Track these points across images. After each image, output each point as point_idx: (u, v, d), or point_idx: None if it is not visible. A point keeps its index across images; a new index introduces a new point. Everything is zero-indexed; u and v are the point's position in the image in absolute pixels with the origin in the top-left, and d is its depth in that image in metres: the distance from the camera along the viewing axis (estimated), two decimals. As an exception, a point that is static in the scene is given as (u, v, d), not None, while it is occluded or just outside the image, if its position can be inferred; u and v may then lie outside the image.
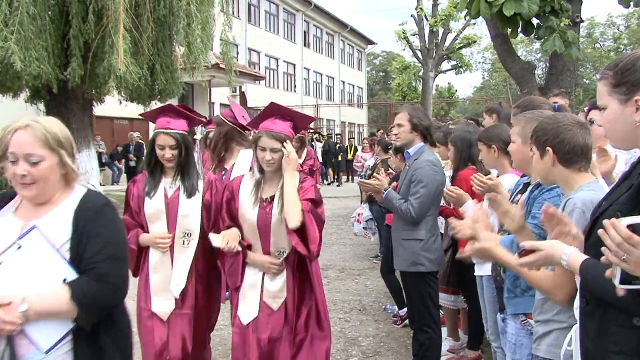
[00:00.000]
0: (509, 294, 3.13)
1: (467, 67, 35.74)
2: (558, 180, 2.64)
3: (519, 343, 3.13)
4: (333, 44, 46.06)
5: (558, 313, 2.57)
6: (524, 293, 3.04)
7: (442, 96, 50.23)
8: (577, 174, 2.57)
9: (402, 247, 4.59)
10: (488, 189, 3.57)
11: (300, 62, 40.13)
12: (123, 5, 11.02)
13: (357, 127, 46.36)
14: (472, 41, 33.13)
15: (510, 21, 8.65)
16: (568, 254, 2.10)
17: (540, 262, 2.21)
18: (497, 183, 3.63)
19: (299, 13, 39.73)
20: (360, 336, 6.17)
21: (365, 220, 8.67)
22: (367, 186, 4.84)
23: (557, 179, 2.63)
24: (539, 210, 2.68)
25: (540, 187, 2.94)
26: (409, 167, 4.62)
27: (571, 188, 2.55)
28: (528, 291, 2.97)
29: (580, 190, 2.50)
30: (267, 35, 35.86)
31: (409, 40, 31.53)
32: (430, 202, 4.49)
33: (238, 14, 31.86)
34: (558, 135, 2.55)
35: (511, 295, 3.12)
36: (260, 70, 33.61)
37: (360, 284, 8.40)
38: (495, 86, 54.95)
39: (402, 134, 4.67)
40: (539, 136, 2.62)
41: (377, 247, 9.88)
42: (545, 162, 2.59)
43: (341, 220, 14.00)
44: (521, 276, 2.62)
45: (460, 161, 4.98)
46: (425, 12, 30.03)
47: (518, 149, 3.16)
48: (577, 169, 2.57)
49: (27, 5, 10.51)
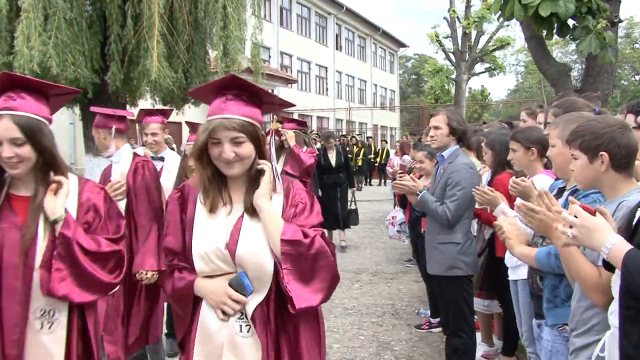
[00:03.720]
0: (549, 304, 3.05)
1: (500, 70, 35.31)
2: (604, 186, 2.54)
3: (555, 350, 3.07)
4: (365, 47, 46.00)
5: (597, 324, 2.51)
6: (563, 303, 2.95)
7: (475, 99, 49.73)
8: (627, 178, 2.49)
9: (438, 251, 4.55)
10: (522, 191, 3.53)
11: (332, 66, 40.15)
12: (158, 10, 11.15)
13: (390, 130, 46.22)
14: (505, 43, 32.73)
15: (546, 22, 8.52)
16: (613, 242, 2.03)
17: (582, 235, 2.11)
18: (530, 186, 3.59)
19: (331, 16, 39.76)
20: (393, 340, 6.13)
21: (399, 223, 8.63)
22: (402, 187, 4.79)
23: (604, 185, 2.53)
24: None
25: (577, 193, 2.85)
26: (443, 170, 4.58)
27: (617, 193, 2.47)
28: (568, 301, 2.87)
29: (635, 192, 2.42)
30: (299, 38, 35.95)
31: (441, 43, 31.30)
32: (467, 205, 4.45)
33: (270, 18, 32.01)
34: (614, 140, 2.44)
35: (551, 305, 3.04)
36: (293, 73, 33.72)
37: (393, 287, 8.35)
38: (530, 89, 54.23)
39: (438, 137, 4.64)
40: (587, 140, 2.51)
41: (409, 251, 9.82)
42: (596, 167, 2.48)
43: (374, 224, 13.94)
44: (565, 263, 2.52)
45: (499, 165, 4.90)
46: (458, 14, 29.74)
47: (560, 152, 3.05)
48: (628, 173, 2.49)
49: (64, 10, 10.68)
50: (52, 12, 10.76)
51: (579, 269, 2.41)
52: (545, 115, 4.70)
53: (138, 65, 11.71)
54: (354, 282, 8.66)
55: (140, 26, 11.32)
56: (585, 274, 2.38)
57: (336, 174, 10.80)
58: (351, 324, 6.68)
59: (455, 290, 4.52)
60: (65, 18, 10.79)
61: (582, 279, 2.42)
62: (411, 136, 16.12)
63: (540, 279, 3.16)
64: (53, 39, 10.51)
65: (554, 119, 3.25)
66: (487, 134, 5.39)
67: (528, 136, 4.08)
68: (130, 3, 11.47)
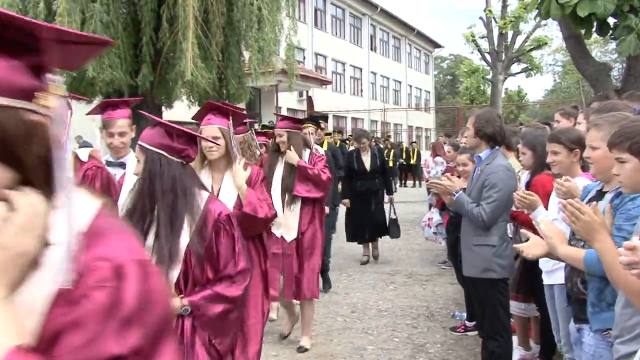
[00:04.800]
0: (594, 308, 2.95)
1: (537, 70, 34.80)
2: None
3: (597, 355, 2.98)
4: (400, 47, 45.82)
5: None
6: (609, 307, 2.84)
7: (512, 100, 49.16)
8: None
9: (473, 253, 4.50)
10: (567, 192, 3.46)
11: (367, 66, 40.07)
12: (193, 12, 11.27)
13: (425, 131, 45.96)
14: (542, 43, 32.24)
15: (584, 21, 8.36)
16: None
17: None
18: (575, 186, 3.52)
19: (365, 17, 39.68)
20: (428, 343, 6.08)
21: (435, 225, 8.56)
22: (438, 187, 4.76)
23: None
24: (624, 222, 2.54)
25: (622, 196, 2.74)
26: (480, 171, 4.53)
27: None
28: (614, 305, 2.79)
29: None
30: (333, 39, 35.95)
31: (477, 43, 31.02)
32: (503, 207, 4.39)
33: (304, 19, 32.08)
34: None
35: (596, 309, 2.93)
36: (327, 74, 33.73)
37: (428, 290, 8.28)
38: (567, 89, 53.39)
39: (468, 138, 4.73)
40: (638, 142, 2.43)
41: (445, 253, 9.74)
42: None
43: (409, 225, 13.87)
44: (607, 270, 2.44)
45: (538, 165, 4.82)
46: (494, 14, 29.43)
47: (604, 155, 2.90)
48: None
49: (100, 13, 10.88)
50: (89, 15, 10.95)
51: (622, 276, 2.34)
52: (585, 117, 4.61)
53: (173, 67, 11.85)
54: (389, 283, 8.61)
55: (175, 28, 11.46)
56: (629, 281, 2.31)
57: (371, 179, 9.74)
58: (385, 325, 6.64)
59: (490, 292, 4.46)
60: (102, 21, 11.00)
61: (626, 285, 2.35)
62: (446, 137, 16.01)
63: (581, 282, 3.08)
64: (89, 42, 10.68)
65: (596, 120, 3.15)
66: (523, 134, 5.30)
67: (570, 137, 3.99)
68: (166, 6, 11.61)
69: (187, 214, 2.72)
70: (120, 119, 4.27)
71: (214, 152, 3.84)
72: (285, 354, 5.72)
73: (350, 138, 17.28)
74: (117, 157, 4.31)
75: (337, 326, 6.63)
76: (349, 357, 5.68)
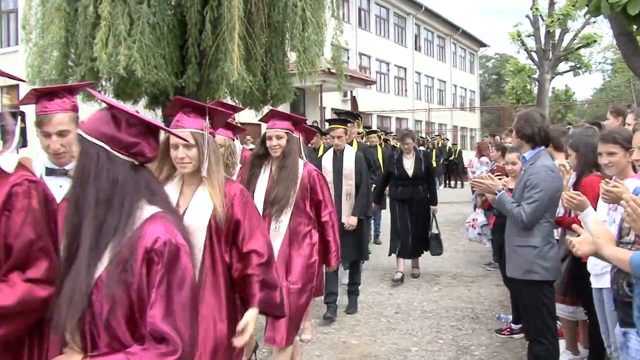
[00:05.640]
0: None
1: (586, 68, 34.09)
2: None
3: (644, 360, 2.93)
4: (444, 47, 45.47)
5: None
6: None
7: (559, 99, 48.30)
8: None
9: (516, 254, 4.44)
10: (616, 197, 3.38)
11: (411, 66, 39.87)
12: (238, 13, 11.38)
13: (470, 131, 45.49)
14: (592, 41, 31.52)
15: (637, 18, 8.16)
16: None
17: None
18: (624, 190, 3.44)
19: (410, 16, 39.49)
20: (472, 345, 6.02)
21: (480, 225, 8.47)
22: (481, 185, 4.73)
23: None
24: None
25: None
26: (524, 171, 4.49)
27: None
28: (661, 309, 2.73)
29: None
30: (377, 39, 35.86)
31: (523, 42, 30.55)
32: (545, 208, 4.31)
33: (348, 19, 32.09)
34: None
35: None
36: (371, 74, 33.68)
37: (473, 291, 8.20)
38: (617, 87, 52.18)
39: (512, 138, 4.74)
40: None
41: (490, 254, 9.63)
42: None
43: (453, 226, 13.76)
44: None
45: (585, 167, 4.73)
46: (541, 11, 28.93)
47: None
48: None
49: (147, 15, 11.08)
50: (136, 17, 11.16)
51: None
52: (635, 117, 4.50)
53: (217, 68, 11.98)
54: (433, 284, 8.56)
55: (220, 30, 11.59)
56: None
57: (413, 185, 8.57)
58: (429, 327, 6.60)
59: (533, 295, 4.39)
60: (149, 23, 11.21)
61: None
62: (491, 137, 15.84)
63: (627, 285, 3.01)
64: (137, 43, 10.91)
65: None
66: (571, 135, 5.21)
67: (625, 136, 3.88)
68: (210, 7, 11.76)
69: (115, 236, 1.88)
70: (58, 113, 3.06)
71: (186, 165, 3.00)
72: (328, 354, 5.73)
73: (388, 138, 16.88)
74: (60, 164, 3.10)
75: (380, 327, 6.62)
76: (393, 358, 5.66)
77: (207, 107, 3.07)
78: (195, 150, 2.97)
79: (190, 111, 3.05)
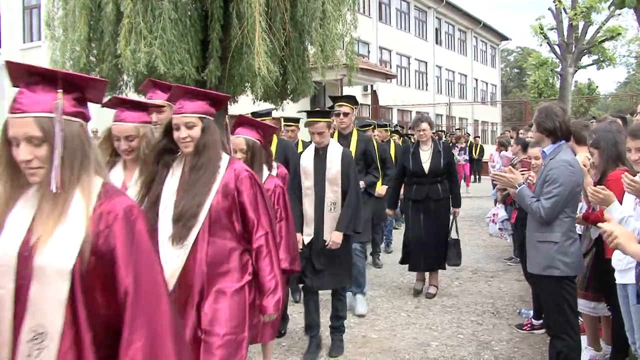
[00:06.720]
0: None
1: (610, 62, 33.65)
2: None
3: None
4: (465, 40, 45.17)
5: None
6: None
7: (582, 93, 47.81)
8: None
9: (536, 250, 4.41)
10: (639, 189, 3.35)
11: (432, 60, 39.68)
12: (259, 8, 11.40)
13: (491, 125, 45.19)
14: (616, 33, 31.14)
15: (661, 10, 8.06)
16: None
17: None
18: None
19: (431, 10, 39.28)
20: (493, 340, 5.99)
21: (500, 220, 8.42)
22: (501, 179, 4.69)
23: None
24: None
25: None
26: (544, 166, 4.45)
27: None
28: (684, 305, 2.71)
29: None
30: (398, 33, 35.73)
31: (546, 35, 30.27)
32: (564, 203, 4.27)
33: (369, 13, 32.00)
34: None
35: None
36: (392, 68, 33.57)
37: (494, 286, 8.16)
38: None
39: (533, 132, 4.69)
40: None
41: (511, 249, 9.58)
42: None
43: (474, 221, 13.71)
44: None
45: (608, 162, 4.66)
46: (564, 4, 28.61)
47: None
48: None
49: (168, 11, 11.14)
50: (157, 13, 11.22)
51: None
52: None
53: (240, 62, 12.02)
54: (454, 279, 8.53)
55: (243, 24, 11.63)
56: None
57: (431, 184, 7.35)
58: (450, 321, 6.59)
59: (554, 290, 4.35)
60: (170, 18, 11.27)
61: None
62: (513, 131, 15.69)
63: (652, 282, 2.99)
64: (159, 39, 10.97)
65: None
66: (594, 130, 5.13)
67: None
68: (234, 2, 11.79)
69: None
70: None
71: (35, 171, 1.92)
72: (348, 348, 5.74)
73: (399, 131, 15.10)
74: None
75: (400, 321, 6.61)
76: (413, 352, 5.65)
77: (58, 72, 1.96)
78: (45, 148, 1.88)
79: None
